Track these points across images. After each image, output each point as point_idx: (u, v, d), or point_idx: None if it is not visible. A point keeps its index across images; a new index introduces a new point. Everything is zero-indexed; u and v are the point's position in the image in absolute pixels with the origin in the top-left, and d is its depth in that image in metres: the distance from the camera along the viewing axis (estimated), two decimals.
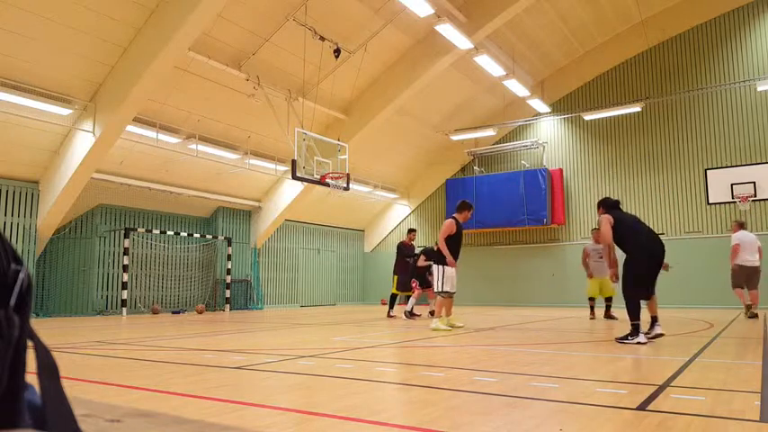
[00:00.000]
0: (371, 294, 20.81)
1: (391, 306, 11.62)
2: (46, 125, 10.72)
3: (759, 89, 14.06)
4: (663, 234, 6.23)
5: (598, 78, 17.42)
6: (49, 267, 12.73)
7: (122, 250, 13.45)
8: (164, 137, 12.48)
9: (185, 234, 14.93)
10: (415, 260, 11.37)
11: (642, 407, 2.71)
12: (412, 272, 11.28)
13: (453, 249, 8.19)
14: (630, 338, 5.78)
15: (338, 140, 13.38)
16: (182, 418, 0.85)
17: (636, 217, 6.36)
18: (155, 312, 13.56)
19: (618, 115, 16.41)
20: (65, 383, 0.58)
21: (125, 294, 13.26)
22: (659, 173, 16.15)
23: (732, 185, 14.38)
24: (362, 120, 14.87)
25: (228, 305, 15.50)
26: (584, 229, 16.96)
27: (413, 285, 11.25)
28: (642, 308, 5.93)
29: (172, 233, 14.58)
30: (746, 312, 10.04)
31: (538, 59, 16.84)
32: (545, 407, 2.74)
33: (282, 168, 15.31)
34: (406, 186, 20.33)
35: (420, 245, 14.21)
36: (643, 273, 5.90)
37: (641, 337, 5.72)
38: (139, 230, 13.90)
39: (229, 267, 15.70)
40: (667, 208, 15.94)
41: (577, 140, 17.63)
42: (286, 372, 3.96)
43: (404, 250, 11.62)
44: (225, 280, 15.67)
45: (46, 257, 12.61)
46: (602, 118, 16.72)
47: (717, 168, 14.91)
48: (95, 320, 10.79)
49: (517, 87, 14.96)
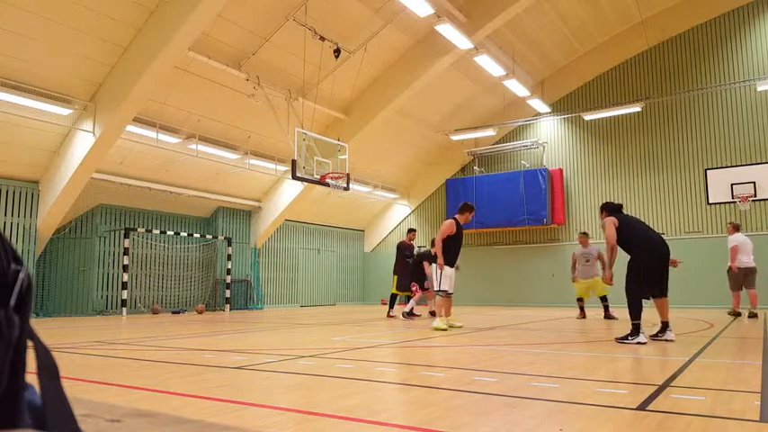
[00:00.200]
0: (371, 294, 20.80)
1: (391, 306, 11.62)
2: (46, 125, 10.72)
3: (759, 89, 14.06)
4: (663, 234, 6.27)
5: (598, 78, 17.41)
6: (49, 267, 12.73)
7: (122, 250, 13.45)
8: (164, 137, 12.48)
9: (185, 234, 14.93)
10: (414, 261, 11.36)
11: (642, 407, 2.71)
12: (411, 274, 11.28)
13: (453, 250, 8.22)
14: (630, 338, 5.78)
15: (338, 140, 13.38)
16: (182, 418, 0.85)
17: (639, 219, 6.48)
18: (155, 312, 13.56)
19: (618, 115, 16.41)
20: (65, 383, 0.58)
21: (125, 294, 13.26)
22: (659, 173, 16.15)
23: (732, 185, 14.37)
24: (362, 120, 14.87)
25: (228, 305, 15.50)
26: (583, 230, 16.95)
27: (413, 289, 11.25)
28: (649, 308, 5.94)
29: (172, 233, 14.57)
30: (732, 314, 10.47)
31: (538, 59, 16.84)
32: (545, 407, 2.74)
33: (282, 168, 15.31)
34: (406, 186, 20.32)
35: (420, 245, 14.21)
36: (648, 271, 5.93)
37: (641, 337, 5.72)
38: (139, 230, 13.90)
39: (229, 267, 15.70)
40: (667, 208, 15.95)
41: (577, 140, 17.62)
42: (286, 372, 3.96)
43: (404, 250, 11.62)
44: (225, 280, 15.67)
45: (46, 257, 12.61)
46: (602, 118, 16.72)
47: (717, 168, 14.91)
48: (95, 320, 10.78)
49: (517, 87, 14.96)
